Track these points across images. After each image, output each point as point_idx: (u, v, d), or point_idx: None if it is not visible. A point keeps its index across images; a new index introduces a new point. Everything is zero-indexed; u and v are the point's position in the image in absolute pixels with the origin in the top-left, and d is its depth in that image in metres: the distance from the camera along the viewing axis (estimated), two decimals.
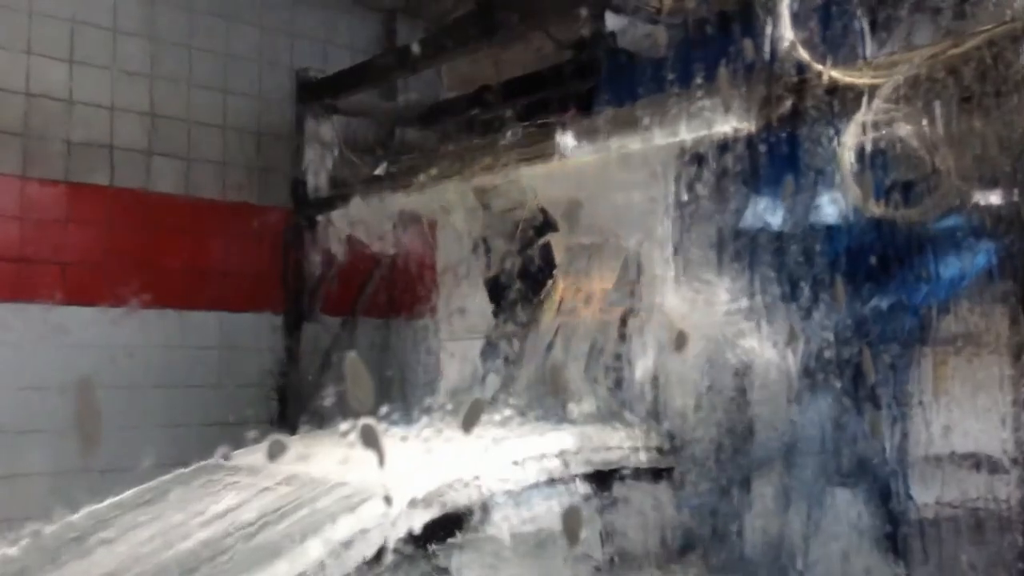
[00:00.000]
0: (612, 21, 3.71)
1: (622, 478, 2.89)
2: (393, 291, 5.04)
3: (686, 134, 3.00)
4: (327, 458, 2.89)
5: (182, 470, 3.15)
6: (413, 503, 2.42)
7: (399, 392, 5.04)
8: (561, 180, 3.47)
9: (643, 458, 3.00)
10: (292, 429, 4.07)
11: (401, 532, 2.36)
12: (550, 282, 3.87)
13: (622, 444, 2.99)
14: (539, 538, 2.59)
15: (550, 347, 3.75)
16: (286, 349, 5.05)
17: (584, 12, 3.90)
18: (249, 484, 2.78)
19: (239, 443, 3.22)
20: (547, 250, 3.94)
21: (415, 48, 4.53)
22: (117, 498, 3.02)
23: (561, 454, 2.79)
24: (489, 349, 4.06)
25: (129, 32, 4.82)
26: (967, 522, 2.67)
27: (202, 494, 2.84)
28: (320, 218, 4.83)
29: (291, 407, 4.83)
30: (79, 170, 4.64)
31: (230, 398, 4.84)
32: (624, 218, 3.32)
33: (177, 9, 4.97)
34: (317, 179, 4.95)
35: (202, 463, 3.17)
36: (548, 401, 3.80)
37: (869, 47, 2.71)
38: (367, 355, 5.08)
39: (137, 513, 2.84)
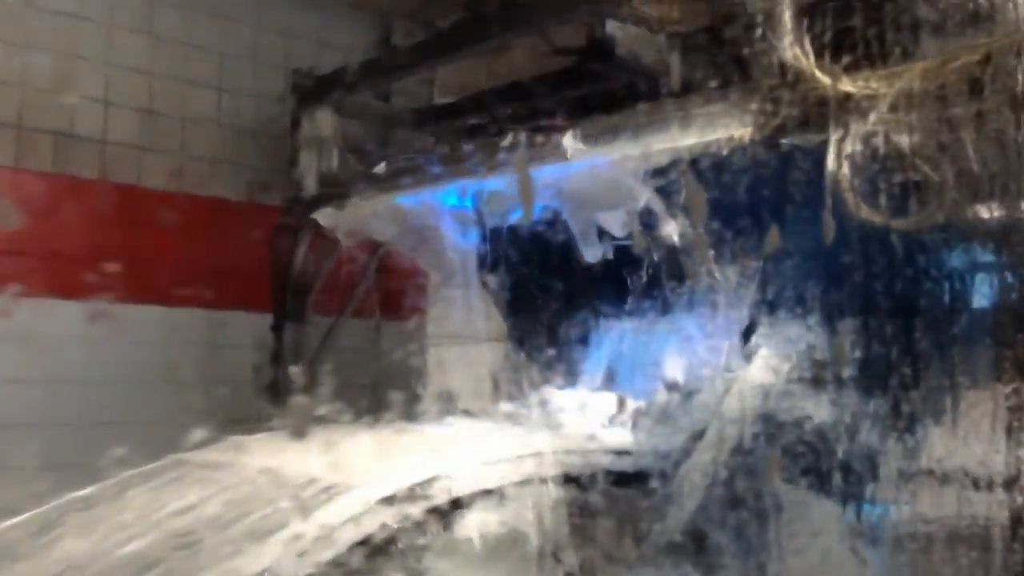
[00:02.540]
0: (611, 28, 3.74)
1: (600, 481, 2.84)
2: (383, 293, 5.04)
3: (685, 140, 3.04)
4: (296, 455, 2.88)
5: (149, 465, 3.12)
6: (381, 501, 2.39)
7: (384, 393, 5.04)
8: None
9: (624, 462, 2.96)
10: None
11: (368, 531, 2.33)
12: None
13: (602, 447, 2.97)
14: (511, 540, 2.55)
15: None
16: (274, 348, 5.04)
17: (583, 19, 3.94)
18: (216, 479, 2.75)
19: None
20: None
21: (412, 51, 4.55)
22: (80, 492, 2.98)
23: (536, 455, 2.75)
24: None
25: (125, 28, 4.82)
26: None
27: (168, 489, 2.81)
28: (312, 217, 4.83)
29: (278, 406, 4.82)
30: (72, 163, 4.64)
31: (218, 396, 4.83)
32: None
33: (174, 6, 4.98)
34: (310, 178, 4.95)
35: (169, 458, 3.14)
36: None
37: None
38: (355, 356, 5.09)
39: (101, 508, 2.81)
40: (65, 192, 4.61)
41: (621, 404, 3.38)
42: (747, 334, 3.13)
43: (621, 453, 2.98)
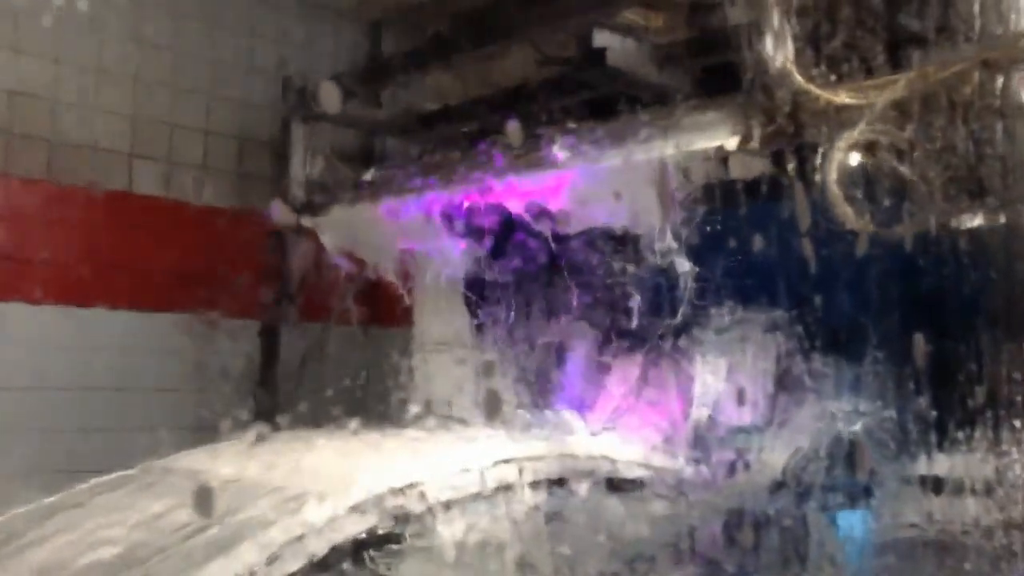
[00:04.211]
0: (601, 38, 3.78)
1: (578, 486, 2.85)
2: (372, 299, 5.04)
3: (676, 148, 3.07)
4: (267, 462, 2.85)
5: (120, 472, 3.09)
6: (352, 509, 2.37)
7: (372, 399, 5.05)
8: None
9: (609, 468, 2.97)
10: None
11: (339, 539, 2.31)
12: None
13: (585, 454, 2.97)
14: (486, 547, 2.54)
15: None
16: (264, 354, 5.04)
17: (572, 28, 3.97)
18: (186, 487, 2.70)
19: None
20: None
21: (402, 59, 4.57)
22: (50, 500, 2.94)
23: (513, 462, 2.74)
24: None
25: (114, 33, 4.82)
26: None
27: (138, 496, 2.79)
28: (302, 224, 4.84)
29: (268, 412, 4.82)
30: (61, 170, 4.62)
31: (207, 402, 4.82)
32: None
33: (163, 13, 4.98)
34: (300, 185, 4.96)
35: (140, 465, 3.11)
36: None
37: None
38: (343, 362, 5.09)
39: (70, 515, 2.78)
40: (54, 198, 4.60)
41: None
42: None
43: (602, 459, 2.98)
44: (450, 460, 2.70)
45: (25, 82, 4.53)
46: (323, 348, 5.14)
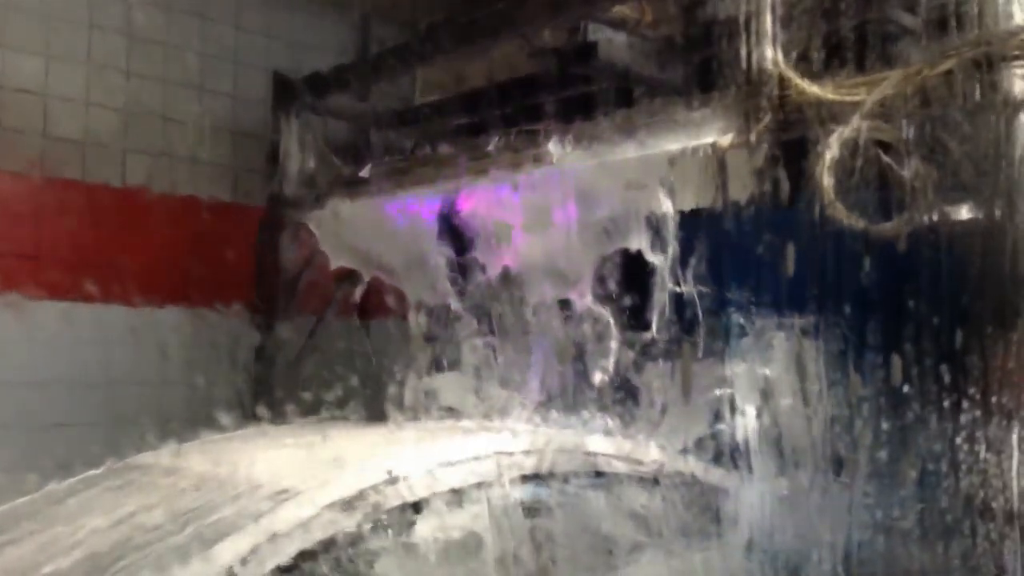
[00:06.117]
0: (593, 32, 3.78)
1: (566, 481, 2.82)
2: (365, 292, 5.04)
3: (669, 144, 3.08)
4: (246, 458, 2.82)
5: (95, 470, 3.04)
6: (332, 505, 2.33)
7: (364, 391, 5.05)
8: None
9: (594, 463, 2.94)
10: None
11: (318, 536, 2.27)
12: None
13: (573, 448, 2.94)
14: (469, 543, 2.52)
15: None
16: (259, 347, 5.04)
17: (564, 22, 3.97)
18: (164, 485, 2.69)
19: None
20: None
21: (394, 53, 4.56)
22: (24, 500, 2.90)
23: (496, 456, 2.71)
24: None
25: (105, 28, 4.80)
26: None
27: (115, 495, 2.74)
28: (296, 217, 4.84)
29: (263, 405, 4.82)
30: (52, 164, 4.61)
31: (202, 395, 4.82)
32: None
33: (154, 7, 4.96)
34: (292, 179, 4.95)
35: (117, 463, 3.06)
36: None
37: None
38: (338, 354, 5.10)
39: (45, 515, 2.74)
40: (46, 193, 4.59)
41: None
42: None
43: (584, 454, 2.96)
44: (433, 455, 2.67)
45: (14, 77, 4.51)
46: (316, 341, 5.14)
